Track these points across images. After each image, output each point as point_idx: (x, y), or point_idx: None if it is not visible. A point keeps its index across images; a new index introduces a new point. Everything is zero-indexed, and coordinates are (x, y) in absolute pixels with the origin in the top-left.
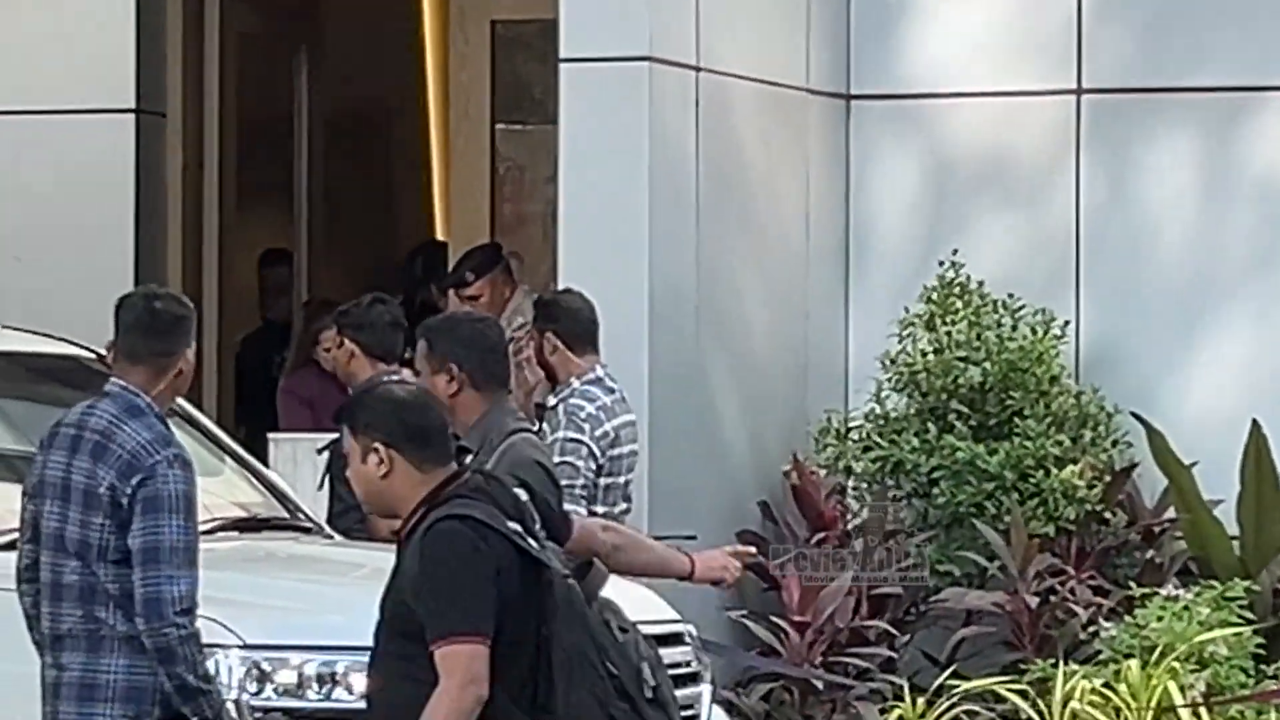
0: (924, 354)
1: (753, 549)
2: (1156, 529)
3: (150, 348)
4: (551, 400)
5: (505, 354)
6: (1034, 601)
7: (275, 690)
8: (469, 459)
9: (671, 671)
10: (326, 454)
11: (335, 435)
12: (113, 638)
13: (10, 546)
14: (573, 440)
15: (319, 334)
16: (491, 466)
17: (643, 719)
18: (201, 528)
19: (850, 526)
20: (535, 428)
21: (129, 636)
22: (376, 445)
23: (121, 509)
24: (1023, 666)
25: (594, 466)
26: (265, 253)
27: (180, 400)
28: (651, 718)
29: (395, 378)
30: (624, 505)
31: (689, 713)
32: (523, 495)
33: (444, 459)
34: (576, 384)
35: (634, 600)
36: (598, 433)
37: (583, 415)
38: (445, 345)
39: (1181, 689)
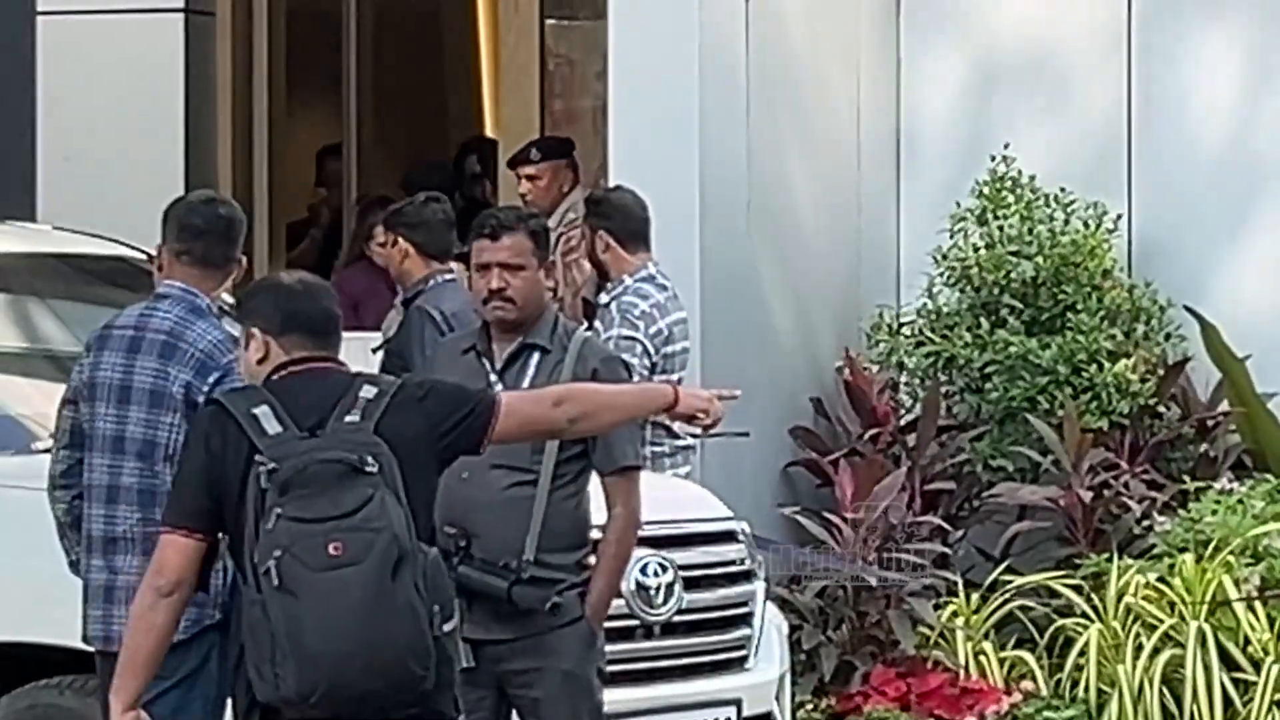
0: (975, 249)
1: (737, 390)
2: (1210, 423)
3: (223, 253)
4: (603, 298)
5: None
6: (1088, 496)
7: None
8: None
9: (724, 569)
10: (381, 353)
11: (390, 335)
12: (131, 538)
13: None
14: (627, 338)
15: (372, 229)
16: (571, 359)
17: None
18: None
19: (903, 422)
20: (584, 326)
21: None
22: (254, 331)
23: (196, 407)
24: (1077, 561)
25: (648, 364)
26: (323, 148)
27: (228, 299)
28: None
29: (448, 276)
30: None
31: (743, 609)
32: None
33: (319, 345)
34: (629, 281)
35: (686, 498)
36: (651, 330)
37: (636, 312)
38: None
39: (1236, 583)
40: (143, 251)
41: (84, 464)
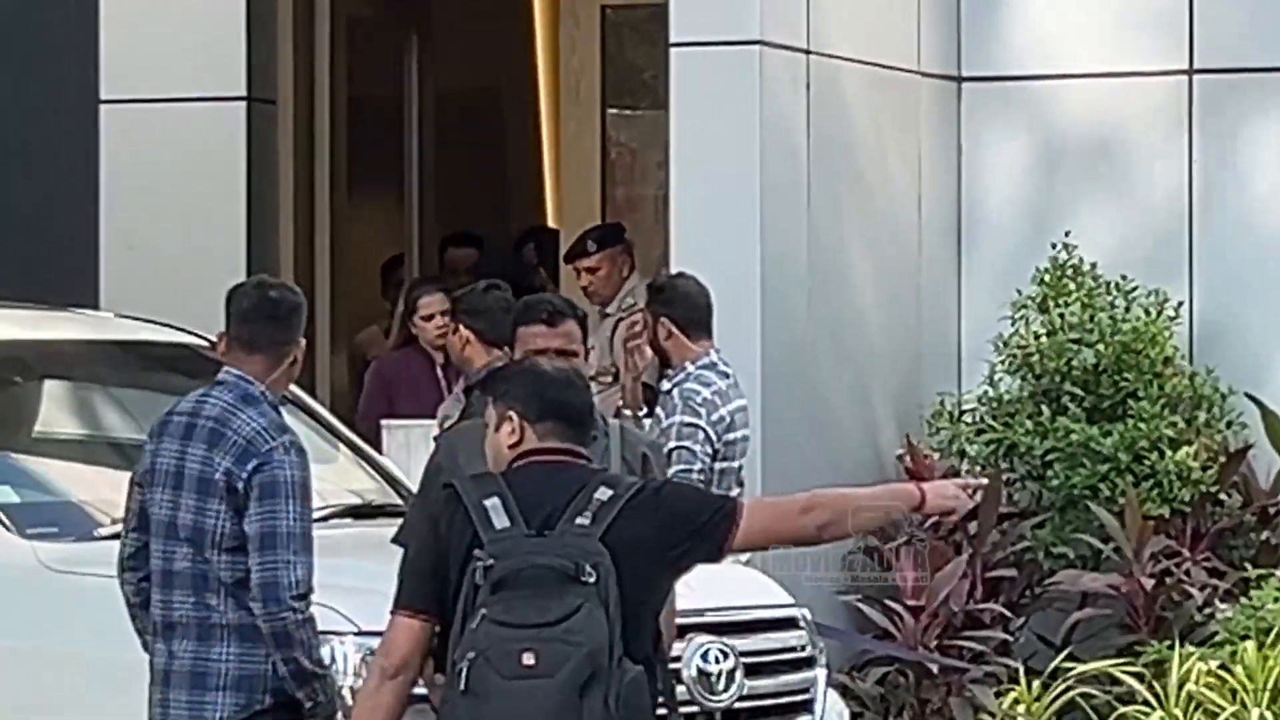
0: (1037, 336)
1: (985, 480)
2: (1272, 510)
3: (270, 336)
4: (665, 385)
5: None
6: (1149, 583)
7: None
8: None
9: (786, 655)
10: (441, 441)
11: (448, 422)
12: (223, 625)
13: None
14: (689, 424)
15: (416, 302)
16: (616, 444)
17: None
18: (316, 514)
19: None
20: (644, 411)
21: (240, 625)
22: (510, 414)
23: (237, 494)
24: (1138, 649)
25: (710, 451)
26: (388, 260)
27: (293, 387)
28: None
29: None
30: (737, 490)
31: (804, 696)
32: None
33: (572, 437)
34: (691, 368)
35: (747, 585)
36: (714, 417)
37: (699, 400)
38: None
39: None
40: (204, 338)
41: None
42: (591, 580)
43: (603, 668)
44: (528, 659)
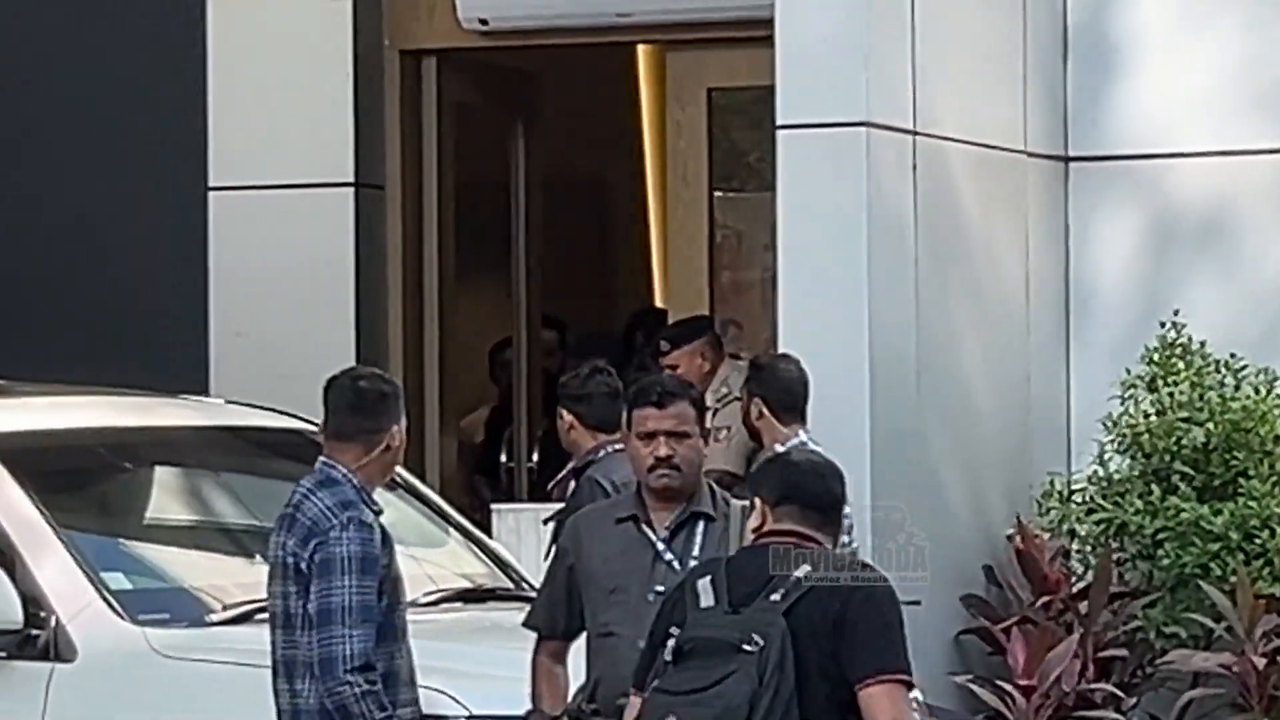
0: (1146, 415)
1: None
2: None
3: (357, 425)
4: (754, 469)
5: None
6: (1261, 662)
7: None
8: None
9: None
10: (553, 524)
11: (561, 506)
12: (308, 711)
13: (239, 620)
14: None
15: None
16: (735, 527)
17: None
18: (426, 599)
19: (1075, 589)
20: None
21: (321, 708)
22: (757, 500)
23: (304, 575)
24: None
25: None
26: (496, 344)
27: (402, 471)
28: None
29: (617, 446)
30: None
31: None
32: None
33: (809, 522)
34: (779, 449)
35: None
36: None
37: None
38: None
39: None
40: (314, 424)
41: None
42: (754, 650)
43: None
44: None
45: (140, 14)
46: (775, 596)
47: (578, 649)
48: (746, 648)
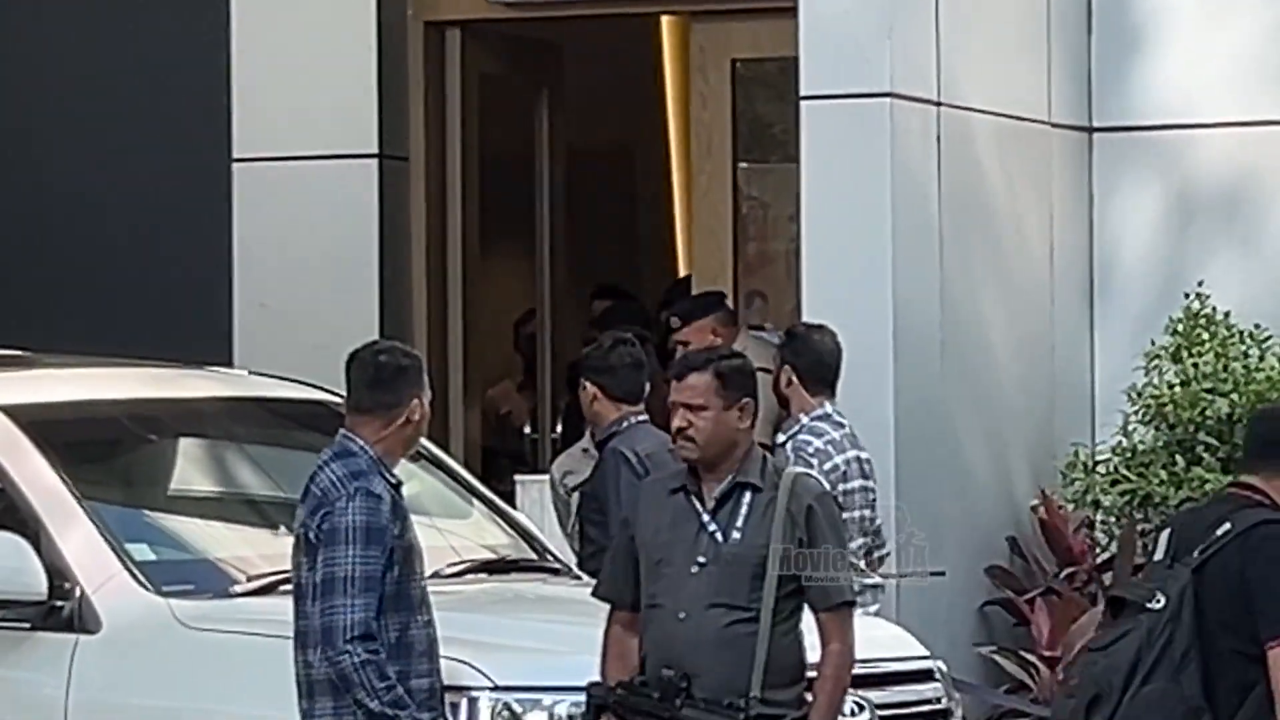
0: (1170, 386)
1: None
2: None
3: (376, 399)
4: (780, 438)
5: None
6: None
7: None
8: None
9: (922, 708)
10: (578, 495)
11: (586, 476)
12: (320, 680)
13: (263, 591)
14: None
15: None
16: (784, 496)
17: None
18: (450, 570)
19: (1099, 560)
20: None
21: (329, 678)
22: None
23: (313, 546)
24: None
25: None
26: (520, 318)
27: (426, 443)
28: None
29: (641, 417)
30: (861, 540)
31: None
32: None
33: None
34: (805, 419)
35: (884, 638)
36: (826, 465)
37: (810, 450)
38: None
39: None
40: (339, 395)
41: None
42: (1156, 608)
43: (1113, 687)
44: (1072, 681)
45: None
46: (1196, 553)
47: None
48: (1151, 605)
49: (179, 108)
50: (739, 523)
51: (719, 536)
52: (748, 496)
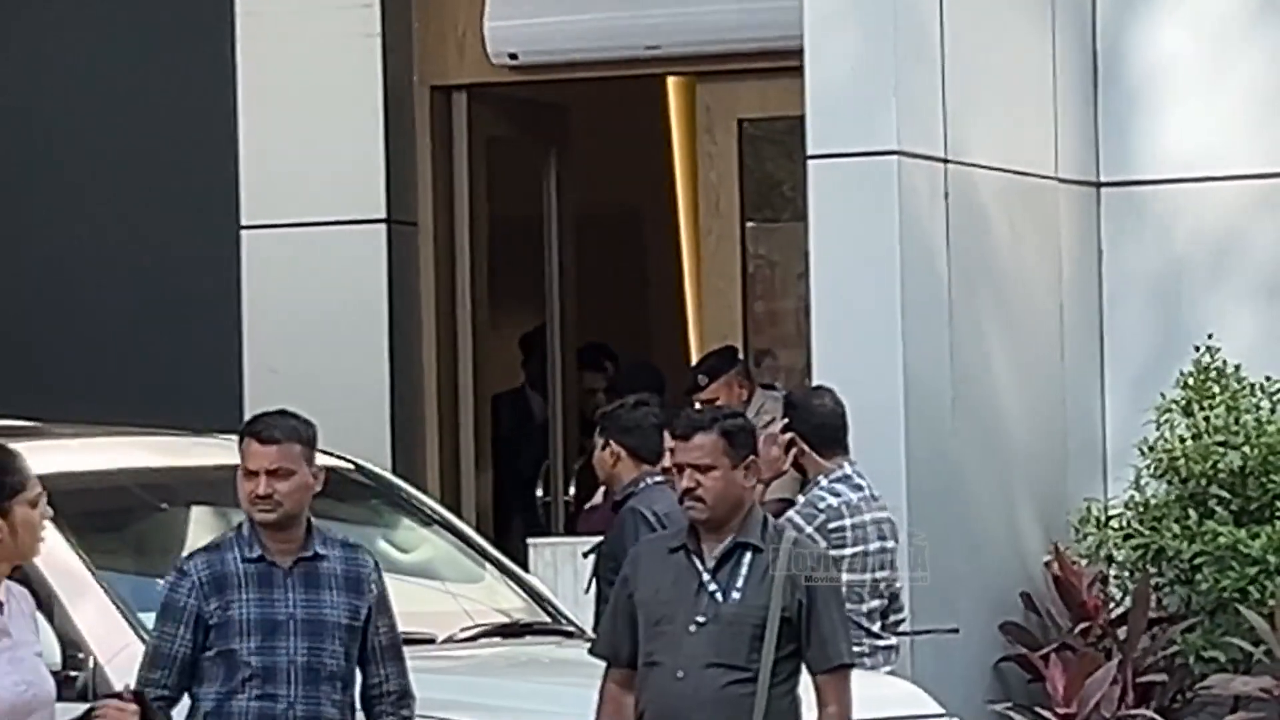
0: (1182, 440)
1: None
2: None
3: None
4: (800, 499)
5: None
6: None
7: None
8: None
9: None
10: (593, 557)
11: (601, 539)
12: None
13: None
14: (795, 525)
15: None
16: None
17: None
18: (463, 634)
19: (1113, 615)
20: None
21: None
22: None
23: None
24: None
25: None
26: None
27: (439, 507)
28: None
29: (658, 478)
30: (876, 602)
31: None
32: None
33: None
34: (824, 481)
35: (897, 695)
36: (831, 526)
37: (821, 505)
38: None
39: None
40: (348, 461)
41: None
42: None
43: None
44: None
45: (171, 52)
46: None
47: None
48: None
49: (187, 176)
50: (739, 583)
51: (719, 596)
52: (748, 557)
